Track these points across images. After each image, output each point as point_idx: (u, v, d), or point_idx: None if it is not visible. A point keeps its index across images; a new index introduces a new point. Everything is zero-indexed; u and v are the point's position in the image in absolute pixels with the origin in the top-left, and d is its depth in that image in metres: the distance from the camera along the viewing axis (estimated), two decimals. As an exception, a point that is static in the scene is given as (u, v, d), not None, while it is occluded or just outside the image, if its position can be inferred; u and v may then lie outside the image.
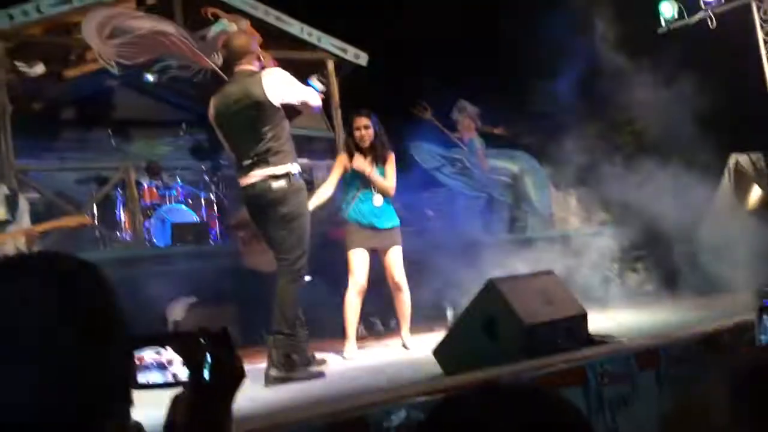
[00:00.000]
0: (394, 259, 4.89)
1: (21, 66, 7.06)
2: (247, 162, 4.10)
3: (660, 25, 8.96)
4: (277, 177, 4.03)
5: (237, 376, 1.04)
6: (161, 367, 1.05)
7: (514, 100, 7.59)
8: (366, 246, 4.83)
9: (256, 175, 4.07)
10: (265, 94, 4.02)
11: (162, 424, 1.04)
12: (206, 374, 1.01)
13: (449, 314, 6.00)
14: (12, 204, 5.00)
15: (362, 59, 8.39)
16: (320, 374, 4.06)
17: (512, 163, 8.80)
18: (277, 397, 3.51)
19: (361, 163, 4.80)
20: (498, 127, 8.63)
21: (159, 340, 1.05)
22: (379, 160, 4.89)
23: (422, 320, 6.15)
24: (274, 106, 4.04)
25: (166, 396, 1.06)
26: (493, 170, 8.68)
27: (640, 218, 6.92)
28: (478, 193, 8.67)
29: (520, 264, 6.25)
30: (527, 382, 2.70)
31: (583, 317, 3.63)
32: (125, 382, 0.94)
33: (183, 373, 1.03)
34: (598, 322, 4.32)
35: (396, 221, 4.99)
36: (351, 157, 4.90)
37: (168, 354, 1.04)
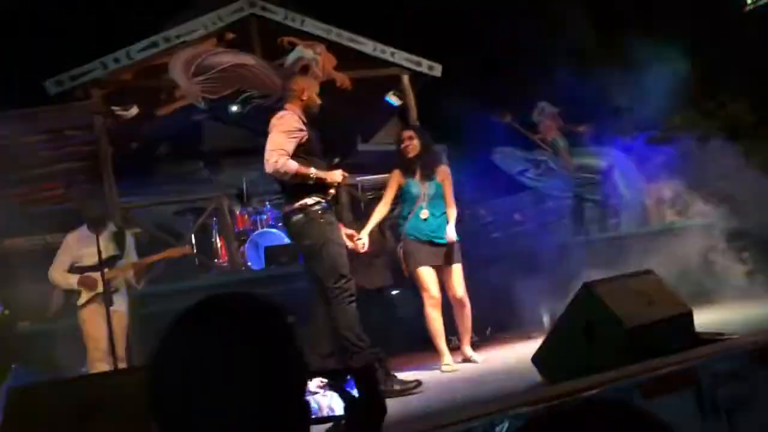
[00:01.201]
0: (456, 276, 4.87)
1: (117, 110, 7.52)
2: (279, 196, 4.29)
3: (745, 3, 8.54)
4: (295, 211, 4.14)
5: (382, 411, 1.08)
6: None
7: (596, 96, 7.39)
8: (429, 263, 4.82)
9: (283, 208, 4.28)
10: (268, 134, 4.16)
11: None
12: (349, 408, 1.06)
13: (545, 320, 5.89)
14: (120, 240, 5.30)
15: (436, 71, 8.42)
16: (417, 384, 4.05)
17: (599, 160, 8.56)
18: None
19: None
20: (581, 125, 8.43)
21: (315, 375, 1.11)
22: (430, 173, 4.91)
23: (518, 328, 6.08)
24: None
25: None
26: (580, 169, 8.48)
27: (743, 205, 6.58)
28: (565, 193, 8.48)
29: (615, 263, 6.06)
30: (621, 400, 2.61)
31: (689, 315, 3.48)
32: (306, 410, 0.99)
33: (338, 408, 1.09)
34: (705, 319, 4.13)
35: (454, 236, 4.91)
36: (403, 172, 4.95)
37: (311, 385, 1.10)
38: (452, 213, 4.92)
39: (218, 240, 7.93)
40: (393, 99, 8.18)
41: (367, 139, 9.52)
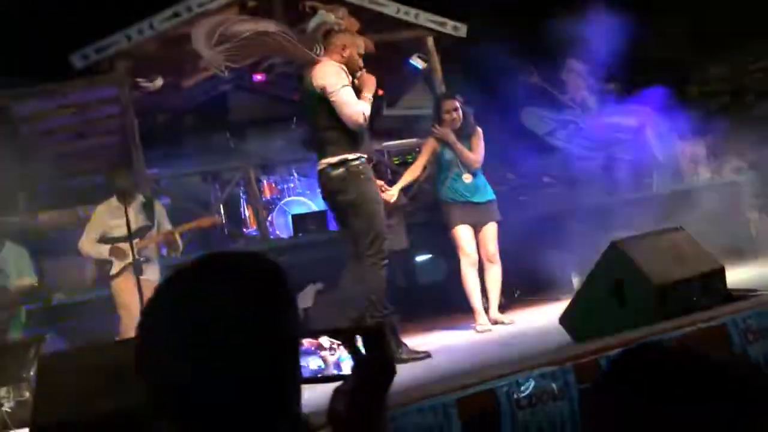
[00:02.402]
0: (490, 234, 4.94)
1: (142, 82, 7.53)
2: (313, 150, 4.26)
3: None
4: (334, 165, 4.04)
5: (390, 371, 1.07)
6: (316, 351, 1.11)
7: (625, 50, 7.17)
8: (467, 221, 4.89)
9: (320, 164, 4.14)
10: (312, 83, 4.06)
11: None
12: (357, 367, 1.05)
13: (575, 281, 5.82)
14: (149, 211, 5.37)
15: (461, 31, 8.24)
16: (426, 355, 4.01)
17: (631, 118, 8.35)
18: (400, 374, 3.53)
19: (445, 132, 4.78)
20: (611, 82, 8.22)
21: (325, 333, 1.11)
22: (464, 138, 4.99)
23: (547, 290, 6.03)
24: (323, 96, 4.02)
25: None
26: (610, 127, 8.29)
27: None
28: (595, 153, 8.31)
29: (649, 223, 5.93)
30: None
31: (720, 272, 3.40)
32: (299, 371, 0.98)
33: (345, 368, 1.08)
34: (740, 276, 4.03)
35: (491, 195, 5.02)
36: (438, 139, 4.97)
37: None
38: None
39: (246, 209, 7.98)
40: (417, 62, 8.04)
41: (391, 104, 9.42)
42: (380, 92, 4.24)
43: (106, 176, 5.54)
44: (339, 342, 1.13)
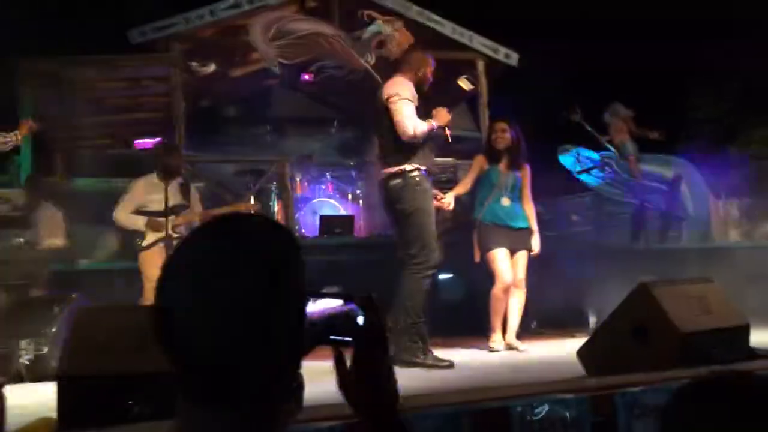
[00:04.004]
0: (522, 261, 5.02)
1: (194, 66, 7.68)
2: (378, 159, 4.48)
3: None
4: (393, 175, 4.26)
5: (385, 336, 1.12)
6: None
7: (674, 103, 7.20)
8: (505, 245, 4.95)
9: (381, 174, 4.38)
10: (382, 97, 4.31)
11: None
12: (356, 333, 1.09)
13: (592, 320, 5.83)
14: (185, 191, 5.48)
15: (513, 59, 8.32)
16: (449, 365, 4.09)
17: (668, 170, 8.35)
18: (417, 384, 3.56)
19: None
20: (654, 131, 8.22)
21: (327, 296, 1.15)
22: (514, 166, 5.06)
23: (563, 326, 6.03)
24: (387, 106, 4.27)
25: None
26: (646, 176, 8.29)
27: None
28: (628, 199, 8.31)
29: (671, 276, 5.92)
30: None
31: (746, 329, 3.40)
32: (301, 331, 1.02)
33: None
34: (762, 339, 4.01)
35: (527, 223, 5.08)
36: (488, 159, 5.03)
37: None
38: (530, 209, 5.12)
39: (276, 203, 8.06)
40: (464, 84, 8.11)
41: (432, 122, 9.49)
42: (449, 132, 4.45)
43: (155, 151, 5.65)
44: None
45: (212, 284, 0.92)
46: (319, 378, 1.29)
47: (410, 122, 4.19)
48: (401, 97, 4.21)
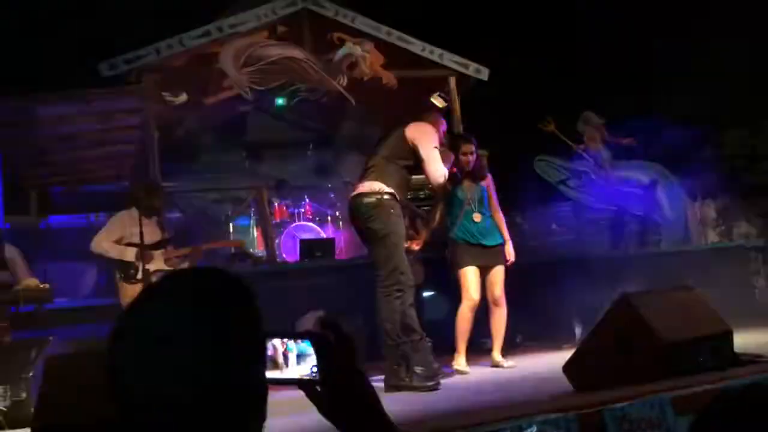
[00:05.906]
0: (498, 277, 4.97)
1: (167, 96, 7.63)
2: (357, 177, 4.61)
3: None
4: (367, 194, 4.30)
5: (352, 347, 1.10)
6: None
7: (645, 108, 7.27)
8: (476, 263, 4.92)
9: (355, 188, 4.47)
10: (406, 132, 4.47)
11: None
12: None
13: (577, 331, 5.82)
14: (167, 224, 5.44)
15: (483, 74, 8.37)
16: (436, 387, 4.06)
17: (643, 174, 8.43)
18: (404, 409, 3.52)
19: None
20: (627, 138, 8.31)
21: (285, 335, 1.13)
22: (477, 179, 5.09)
23: (549, 338, 6.01)
24: (412, 143, 4.44)
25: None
26: (623, 182, 8.35)
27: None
28: (605, 206, 8.36)
29: (653, 280, 5.95)
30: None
31: (728, 335, 3.40)
32: (264, 382, 1.02)
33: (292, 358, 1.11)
34: (744, 341, 4.02)
35: (500, 239, 5.04)
36: (451, 180, 4.99)
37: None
38: (500, 218, 5.09)
39: (255, 230, 8.02)
40: (438, 101, 8.14)
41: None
42: (453, 170, 4.77)
43: (136, 189, 5.52)
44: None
45: (157, 350, 0.92)
46: (306, 408, 1.24)
47: (443, 171, 4.41)
48: (432, 146, 4.40)
